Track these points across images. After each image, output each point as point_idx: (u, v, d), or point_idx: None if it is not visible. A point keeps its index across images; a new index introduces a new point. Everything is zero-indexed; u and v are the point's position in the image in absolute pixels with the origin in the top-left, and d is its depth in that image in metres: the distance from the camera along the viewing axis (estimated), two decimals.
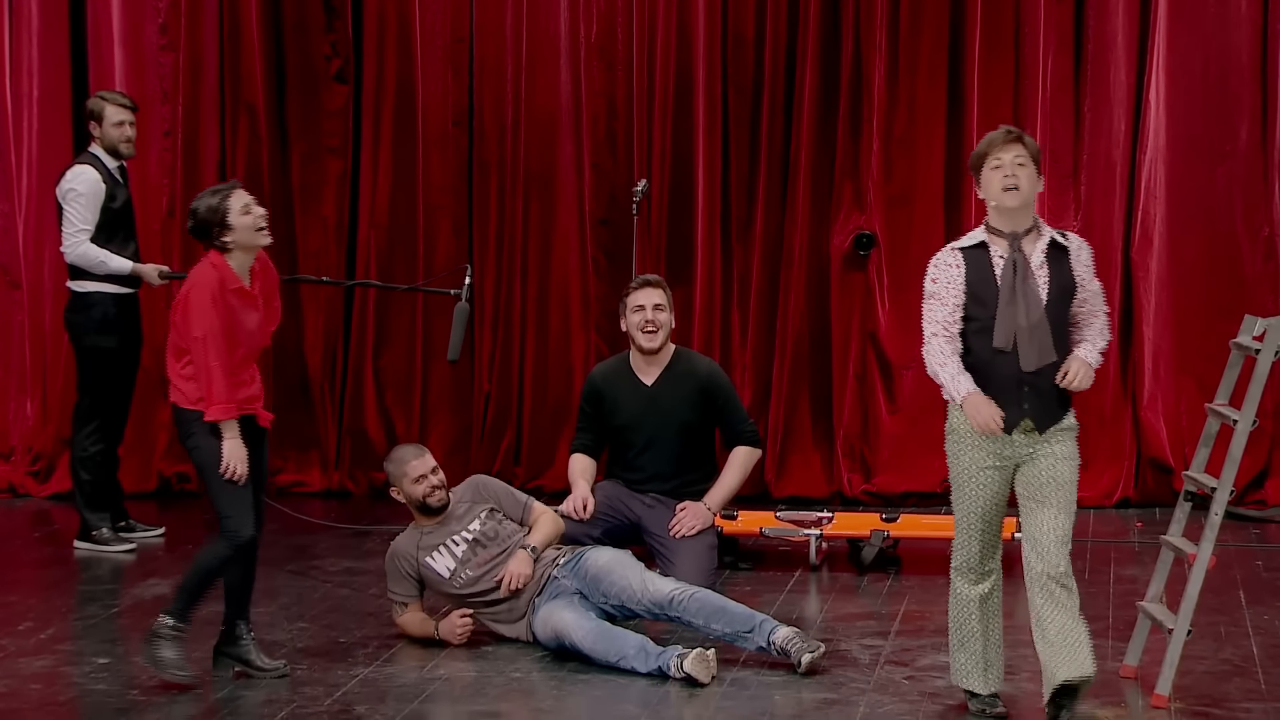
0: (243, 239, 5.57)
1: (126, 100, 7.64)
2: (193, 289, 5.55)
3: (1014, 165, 4.99)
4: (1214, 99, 8.24)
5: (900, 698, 5.47)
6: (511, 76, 8.66)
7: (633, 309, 6.78)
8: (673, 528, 6.72)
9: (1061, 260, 5.08)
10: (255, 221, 5.60)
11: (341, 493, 8.80)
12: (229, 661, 5.70)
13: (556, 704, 5.50)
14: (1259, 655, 5.88)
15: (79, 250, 7.48)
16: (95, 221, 7.48)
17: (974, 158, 5.09)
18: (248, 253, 5.61)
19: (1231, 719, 5.19)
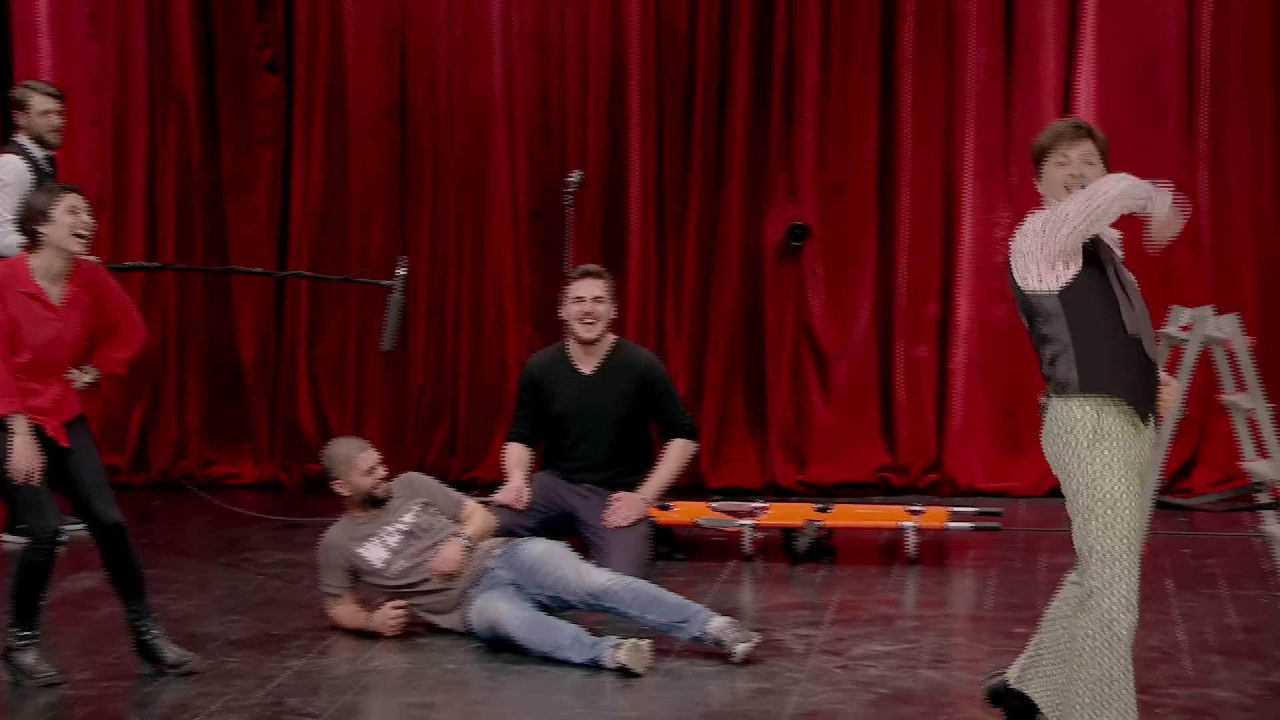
0: (56, 236, 5.41)
1: (53, 89, 7.55)
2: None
3: (1081, 163, 4.51)
4: (1142, 91, 8.32)
5: (834, 687, 5.50)
6: (444, 66, 8.63)
7: (572, 299, 6.77)
8: (607, 518, 6.72)
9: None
10: (75, 225, 5.44)
11: (275, 485, 8.75)
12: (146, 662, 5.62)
13: (491, 695, 5.49)
14: (1186, 642, 5.95)
15: (5, 241, 7.38)
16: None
17: (1037, 149, 4.56)
18: (58, 255, 5.44)
19: (1158, 705, 5.25)
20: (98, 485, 5.55)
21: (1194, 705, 5.28)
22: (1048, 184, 4.55)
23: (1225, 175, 8.30)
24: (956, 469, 8.45)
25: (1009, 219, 8.42)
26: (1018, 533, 7.63)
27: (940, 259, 8.49)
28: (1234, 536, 7.44)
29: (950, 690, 5.47)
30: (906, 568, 7.06)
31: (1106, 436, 4.32)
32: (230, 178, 8.76)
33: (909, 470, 8.49)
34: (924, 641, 5.98)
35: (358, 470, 6.10)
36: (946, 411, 8.50)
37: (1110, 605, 4.31)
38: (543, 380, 6.86)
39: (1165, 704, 5.28)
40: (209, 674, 5.62)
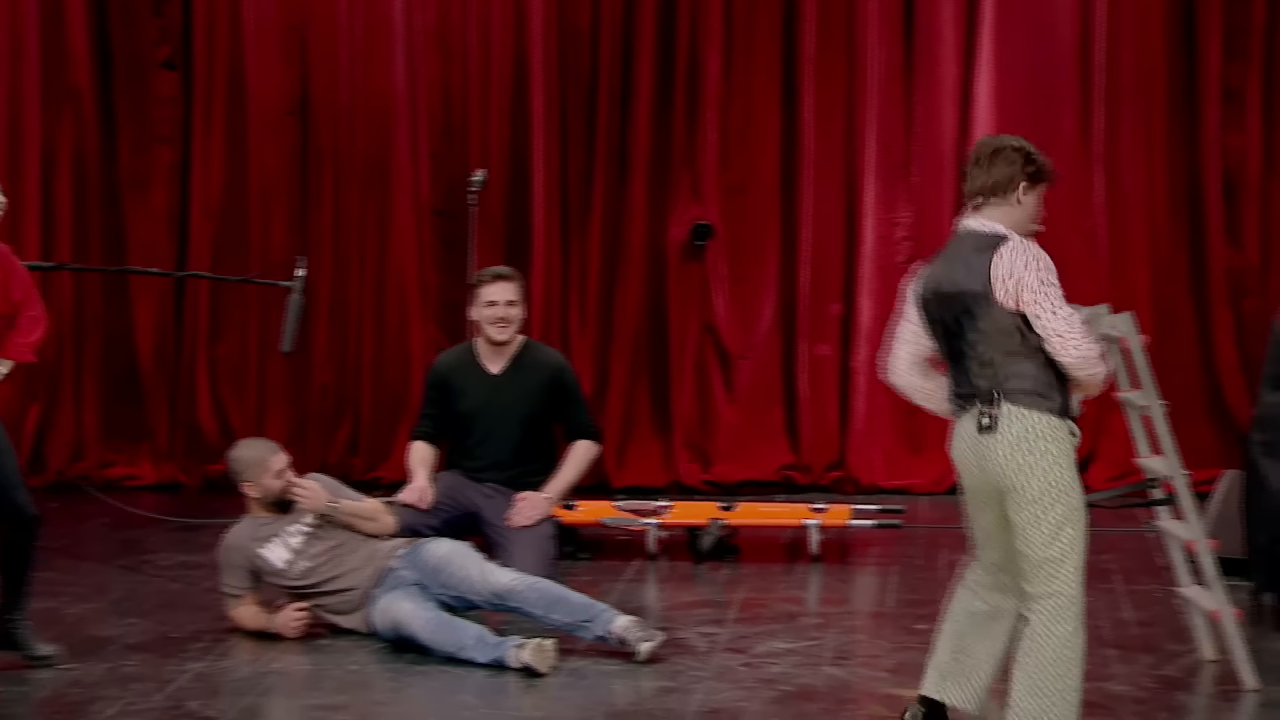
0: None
1: None
2: None
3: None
4: (1039, 91, 8.43)
5: (737, 684, 5.52)
6: (346, 64, 8.57)
7: (485, 303, 6.74)
8: (510, 518, 6.71)
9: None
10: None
11: (174, 485, 8.66)
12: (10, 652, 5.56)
13: (394, 695, 5.46)
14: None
15: None
16: None
17: (1045, 172, 4.64)
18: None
19: None
20: (18, 476, 5.50)
21: (1090, 699, 5.35)
22: (1033, 208, 4.63)
23: (1120, 175, 8.43)
24: (859, 467, 8.52)
25: (910, 218, 8.51)
26: (919, 530, 7.71)
27: (843, 258, 8.56)
28: (1129, 532, 7.55)
29: (852, 687, 5.51)
30: (809, 565, 7.11)
31: (1072, 450, 4.53)
32: (128, 176, 8.65)
33: (812, 468, 8.55)
34: (826, 639, 6.02)
35: (268, 473, 6.06)
36: (849, 410, 8.57)
37: (1081, 610, 4.48)
38: (450, 379, 6.84)
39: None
40: (106, 678, 5.55)
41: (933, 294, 4.59)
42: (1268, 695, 5.37)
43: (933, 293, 4.59)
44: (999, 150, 4.62)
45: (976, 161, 4.64)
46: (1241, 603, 5.90)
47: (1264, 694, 5.38)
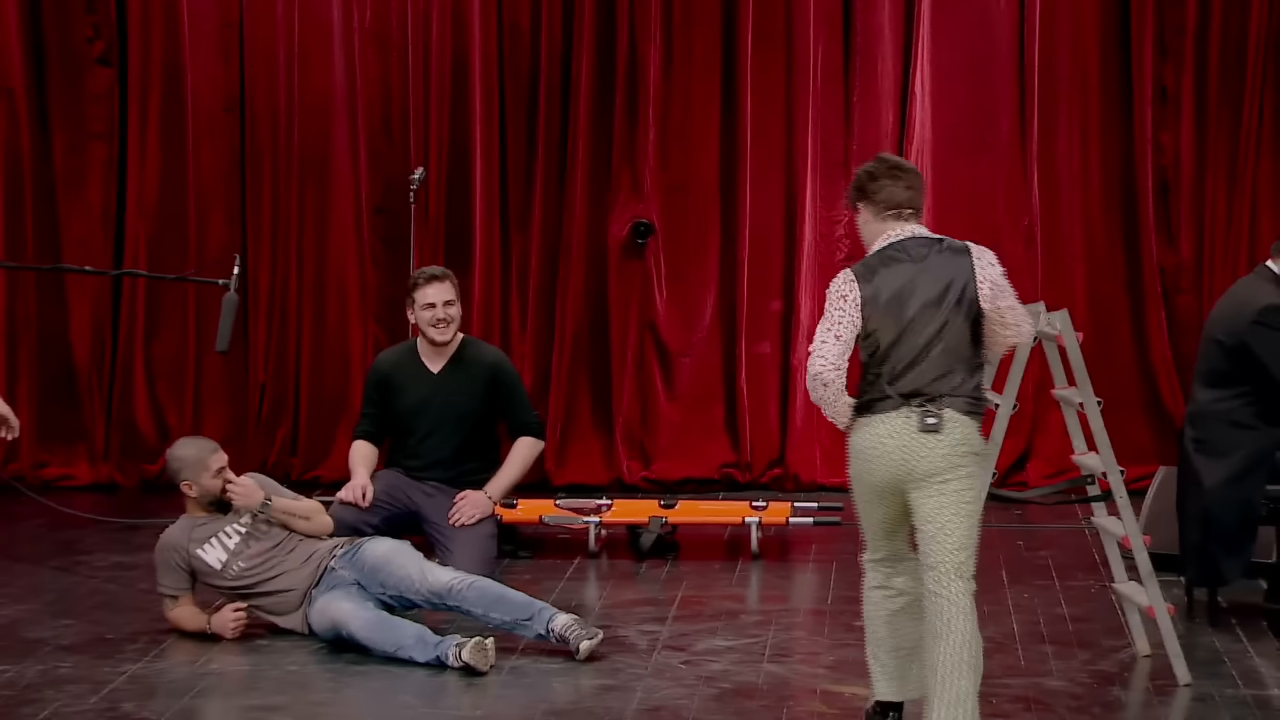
0: None
1: None
2: None
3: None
4: (977, 92, 8.48)
5: (677, 682, 5.53)
6: (284, 62, 8.52)
7: (422, 306, 6.72)
8: (451, 516, 6.70)
9: None
10: None
11: (110, 486, 8.58)
12: None
13: (333, 696, 5.44)
14: (1019, 632, 6.08)
15: None
16: None
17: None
18: None
19: (992, 694, 5.36)
20: None
21: (1027, 694, 5.40)
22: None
23: (1056, 175, 8.49)
24: (799, 465, 8.55)
25: (849, 216, 8.53)
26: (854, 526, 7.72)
27: (782, 256, 8.58)
28: (1065, 528, 7.62)
29: (791, 684, 5.54)
30: (750, 563, 7.13)
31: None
32: (62, 174, 8.56)
33: (753, 466, 8.56)
34: (766, 636, 6.04)
35: (207, 472, 6.02)
36: (789, 408, 8.59)
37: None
38: (391, 378, 6.82)
39: (999, 693, 5.40)
40: (40, 680, 5.50)
41: (894, 297, 4.73)
42: (1200, 689, 5.43)
43: (895, 296, 4.73)
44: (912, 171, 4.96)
45: (897, 175, 4.88)
46: (1175, 598, 5.96)
47: (1197, 688, 5.44)
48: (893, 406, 4.72)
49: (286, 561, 6.01)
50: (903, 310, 4.73)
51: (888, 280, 4.76)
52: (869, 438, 4.76)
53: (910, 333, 4.73)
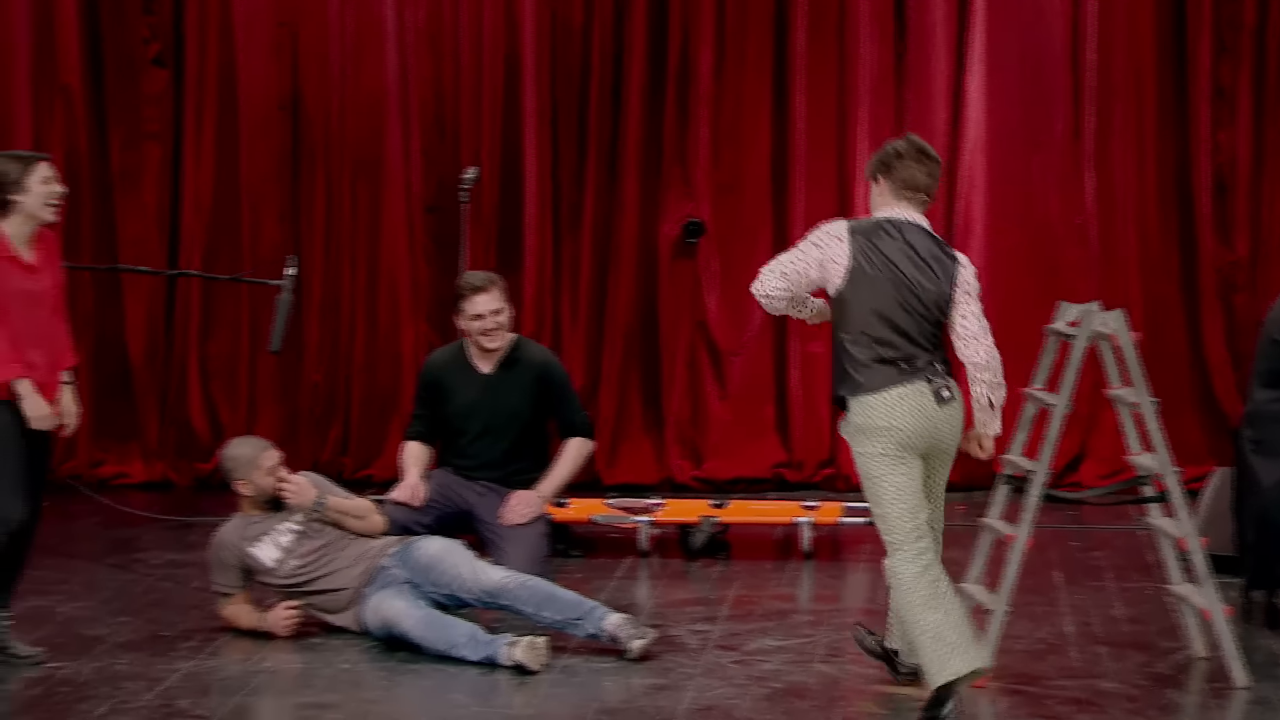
0: (30, 205, 5.46)
1: None
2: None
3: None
4: (1030, 90, 8.43)
5: (728, 682, 5.52)
6: (337, 61, 8.56)
7: (471, 317, 6.73)
8: (503, 515, 6.71)
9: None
10: (50, 194, 5.50)
11: (164, 484, 8.64)
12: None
13: (386, 694, 5.46)
14: (1073, 634, 6.04)
15: None
16: None
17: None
18: (28, 223, 5.49)
19: (1046, 696, 5.33)
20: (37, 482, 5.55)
21: (1081, 696, 5.37)
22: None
23: (1111, 173, 8.43)
24: (851, 464, 8.48)
25: None
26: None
27: None
28: (1120, 529, 7.56)
29: (843, 684, 5.52)
30: (801, 563, 7.11)
31: None
32: (118, 173, 8.64)
33: (804, 466, 8.55)
34: (818, 636, 6.03)
35: (261, 470, 6.05)
36: None
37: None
38: (441, 379, 6.84)
39: (1053, 695, 5.36)
40: (96, 677, 5.54)
41: (890, 266, 4.99)
42: (1258, 692, 5.38)
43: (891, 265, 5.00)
44: (937, 160, 5.21)
45: (922, 159, 5.15)
46: (1232, 600, 5.91)
47: (1254, 691, 5.39)
48: (909, 379, 4.95)
49: (339, 560, 6.04)
50: (899, 280, 4.96)
51: (884, 248, 5.00)
52: (899, 410, 4.93)
53: (899, 308, 4.96)
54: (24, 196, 5.45)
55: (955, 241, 8.53)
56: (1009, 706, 5.28)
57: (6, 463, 5.41)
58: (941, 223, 8.54)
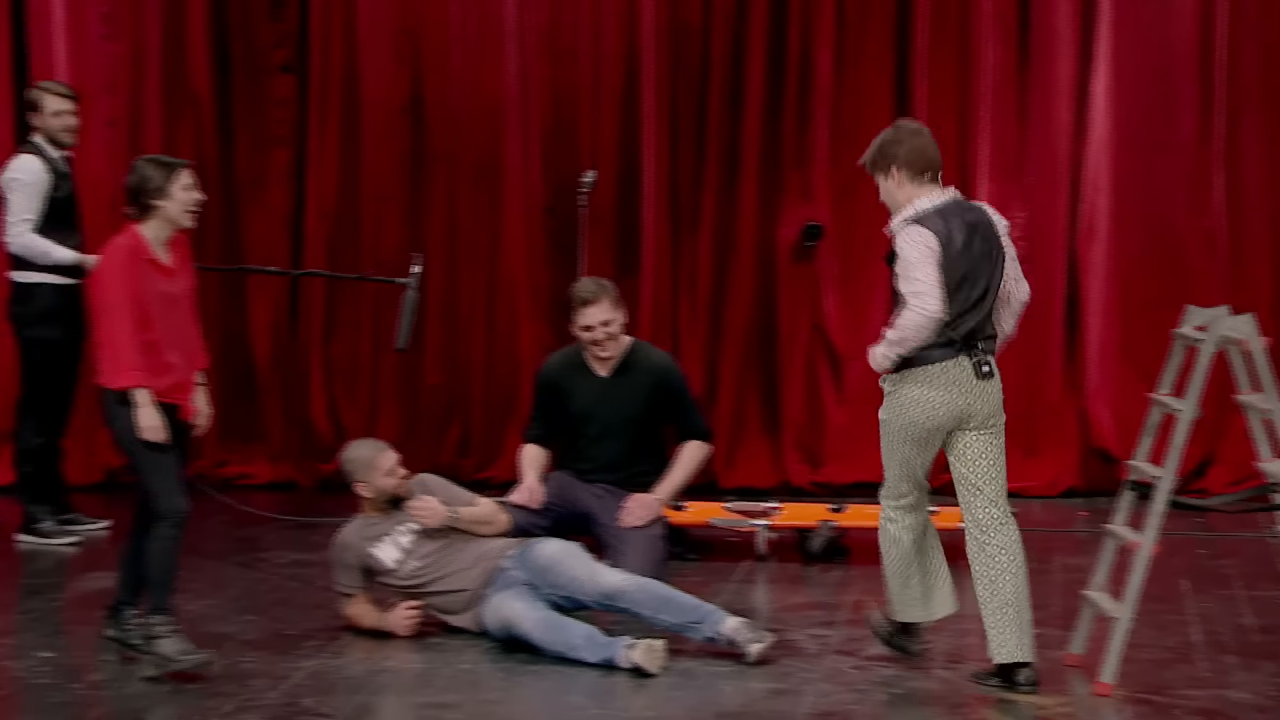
0: (172, 211, 5.57)
1: (65, 89, 7.59)
2: (104, 254, 5.56)
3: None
4: (1157, 91, 8.30)
5: (848, 687, 5.49)
6: (458, 65, 8.63)
7: (581, 328, 6.76)
8: (621, 518, 6.72)
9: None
10: (190, 200, 5.62)
11: (288, 485, 8.76)
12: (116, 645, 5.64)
13: (505, 695, 5.49)
14: (1201, 643, 5.94)
15: (22, 240, 7.42)
16: (39, 211, 7.42)
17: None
18: (166, 227, 5.60)
19: (1173, 706, 5.24)
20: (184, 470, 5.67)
21: (1210, 706, 5.27)
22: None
23: (1241, 176, 8.28)
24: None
25: (1023, 219, 8.42)
26: (1032, 533, 7.60)
27: None
28: (1249, 537, 7.42)
29: (964, 690, 5.46)
30: None
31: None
32: (245, 178, 8.77)
33: None
34: (938, 641, 5.97)
35: (379, 471, 6.12)
36: None
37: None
38: (559, 382, 6.87)
39: (1181, 705, 5.28)
40: (224, 674, 5.63)
41: (962, 248, 5.28)
42: None
43: (962, 247, 5.29)
44: (925, 128, 5.56)
45: (921, 132, 5.56)
46: None
47: None
48: (951, 355, 5.28)
49: (458, 561, 6.08)
50: (966, 260, 5.23)
51: (955, 232, 5.27)
52: (934, 383, 5.35)
53: (969, 283, 5.23)
54: (166, 202, 5.56)
55: (1078, 244, 8.42)
56: (1135, 716, 5.20)
57: (162, 461, 5.52)
58: (1065, 225, 8.44)
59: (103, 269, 5.53)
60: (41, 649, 5.95)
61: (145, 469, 5.55)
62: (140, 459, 5.54)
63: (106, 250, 5.57)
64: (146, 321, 5.53)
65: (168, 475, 5.54)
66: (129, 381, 5.49)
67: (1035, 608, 6.09)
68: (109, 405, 5.55)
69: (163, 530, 5.55)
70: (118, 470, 8.68)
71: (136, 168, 5.60)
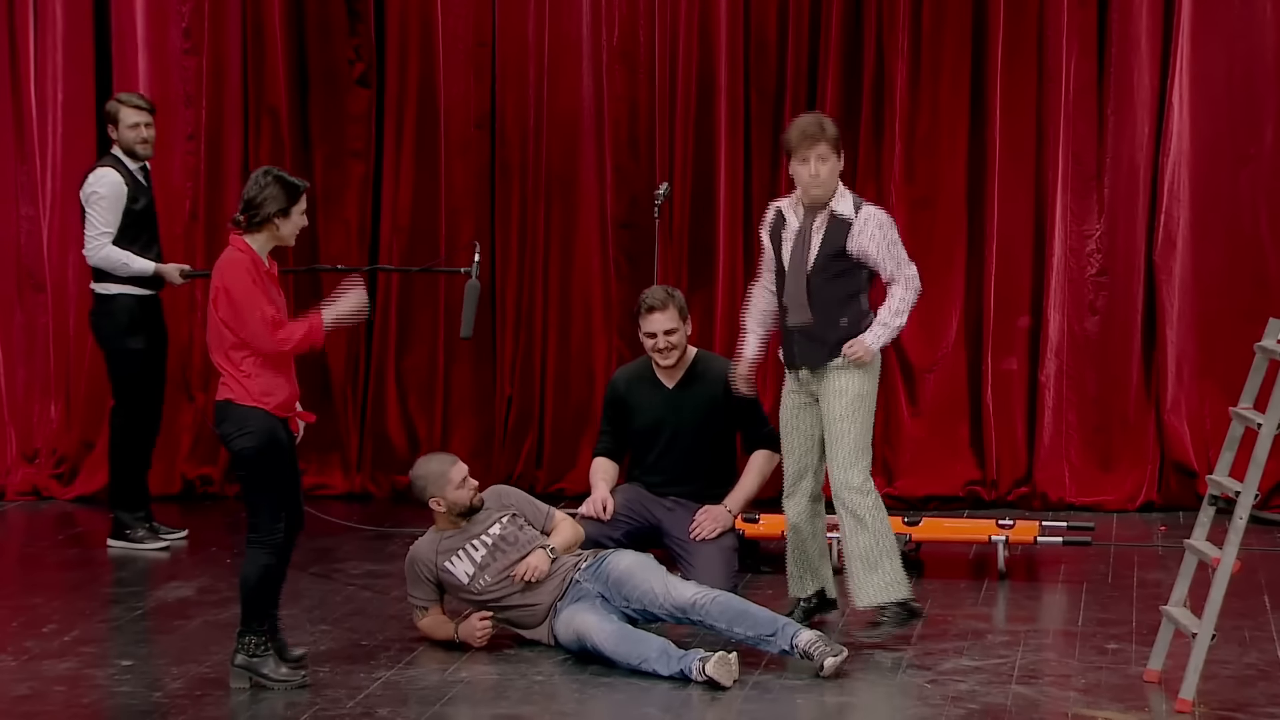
0: (285, 231, 5.64)
1: (143, 102, 7.68)
2: (230, 277, 5.55)
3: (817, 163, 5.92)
4: (1238, 101, 8.21)
5: (923, 702, 5.46)
6: (534, 80, 8.66)
7: (645, 335, 6.77)
8: (692, 531, 6.72)
9: (839, 231, 5.96)
10: (301, 225, 5.70)
11: (363, 495, 8.81)
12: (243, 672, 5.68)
13: (578, 707, 5.50)
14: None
15: (102, 253, 7.51)
16: (117, 223, 7.51)
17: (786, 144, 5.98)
18: (271, 243, 5.65)
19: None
20: (297, 494, 5.75)
21: None
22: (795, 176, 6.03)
23: None
24: (1047, 483, 8.37)
25: (1101, 230, 8.35)
26: (1110, 547, 7.54)
27: (1031, 271, 8.42)
28: None
29: (1041, 706, 5.42)
30: (996, 582, 7.00)
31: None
32: (321, 191, 8.83)
33: (999, 484, 8.41)
34: (1014, 657, 5.93)
35: (451, 485, 6.13)
36: (1037, 425, 8.41)
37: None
38: (627, 395, 6.88)
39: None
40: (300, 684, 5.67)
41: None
42: None
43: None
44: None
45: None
46: None
47: None
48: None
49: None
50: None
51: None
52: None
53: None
54: (283, 222, 5.61)
55: (1157, 255, 8.33)
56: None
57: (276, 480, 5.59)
58: (1143, 237, 8.35)
59: (233, 278, 5.52)
60: (123, 658, 6.02)
61: (258, 492, 5.59)
62: (256, 481, 5.57)
63: (227, 264, 5.57)
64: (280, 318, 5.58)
65: (276, 502, 5.59)
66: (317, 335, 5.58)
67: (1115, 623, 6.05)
68: (242, 422, 5.55)
69: (257, 553, 5.60)
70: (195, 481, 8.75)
71: (261, 181, 5.62)
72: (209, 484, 8.75)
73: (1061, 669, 5.84)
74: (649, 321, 6.73)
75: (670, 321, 6.72)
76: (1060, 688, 5.59)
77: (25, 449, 8.83)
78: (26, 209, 8.77)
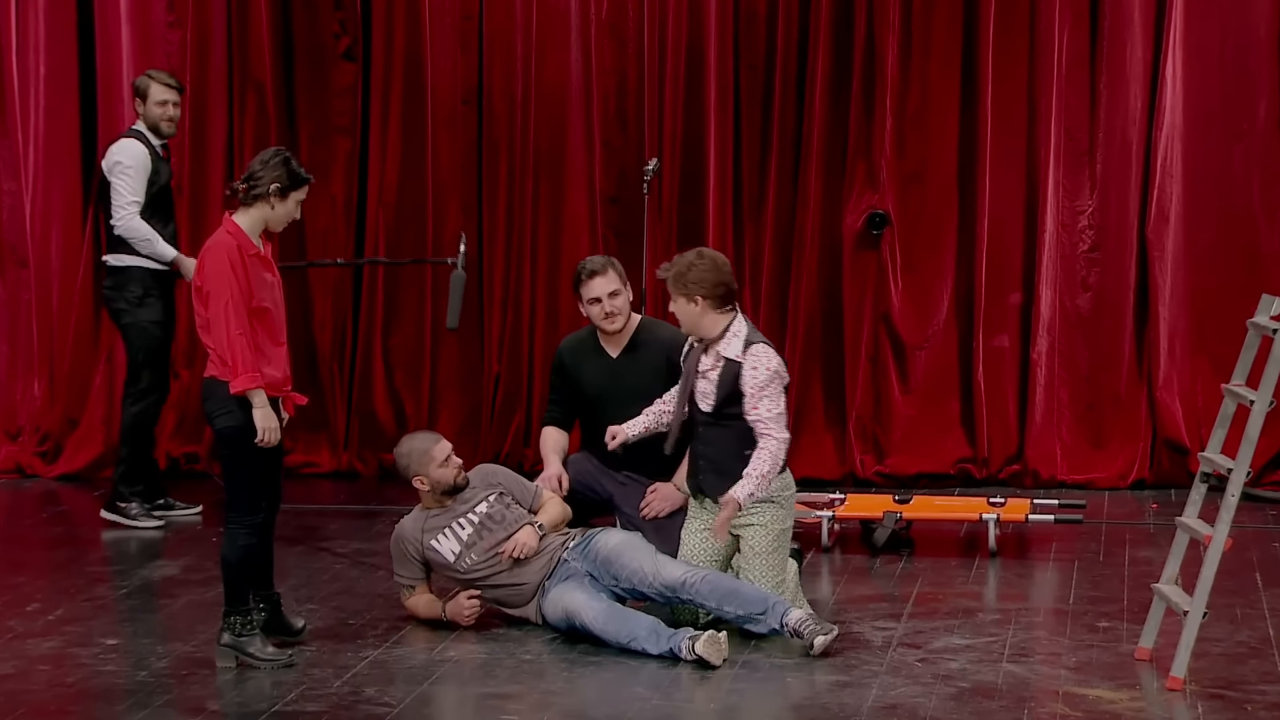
0: (277, 215, 5.59)
1: (173, 81, 7.70)
2: (208, 255, 5.52)
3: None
4: (1232, 77, 8.17)
5: (913, 680, 5.43)
6: (521, 54, 8.60)
7: (588, 301, 6.65)
8: (643, 509, 6.59)
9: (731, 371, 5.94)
10: (291, 216, 5.65)
11: (350, 474, 8.77)
12: (230, 651, 5.64)
13: (567, 686, 5.47)
14: (1275, 637, 5.84)
15: (130, 223, 7.47)
16: (144, 192, 7.48)
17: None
18: (260, 225, 5.61)
19: (1247, 701, 5.15)
20: (278, 475, 5.71)
21: None
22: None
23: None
24: (1038, 461, 8.34)
25: (1093, 206, 8.31)
26: (1101, 525, 7.52)
27: (1022, 248, 8.38)
28: None
29: (1032, 684, 5.39)
30: (987, 560, 6.98)
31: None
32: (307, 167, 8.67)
33: (990, 462, 8.39)
34: (1005, 635, 5.91)
35: (434, 462, 6.09)
36: (1028, 403, 8.39)
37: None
38: (570, 364, 6.74)
39: (1255, 700, 5.19)
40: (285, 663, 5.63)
41: None
42: None
43: None
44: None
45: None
46: None
47: None
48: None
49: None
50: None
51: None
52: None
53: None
54: (279, 204, 5.57)
55: (1149, 231, 8.30)
56: (1208, 711, 5.12)
57: (259, 461, 5.54)
58: (1136, 213, 8.32)
59: (212, 269, 5.48)
60: (107, 636, 5.98)
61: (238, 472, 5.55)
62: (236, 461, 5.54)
63: (210, 251, 5.52)
64: (261, 315, 5.52)
65: (255, 482, 5.55)
66: (247, 384, 5.48)
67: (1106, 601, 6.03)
68: (218, 399, 5.51)
69: (235, 534, 5.56)
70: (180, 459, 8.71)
71: (270, 158, 5.59)
72: (194, 461, 8.70)
73: (1052, 647, 5.82)
74: (590, 287, 6.61)
75: (612, 284, 6.60)
76: (1051, 666, 5.57)
77: (9, 427, 8.78)
78: (9, 183, 8.71)
